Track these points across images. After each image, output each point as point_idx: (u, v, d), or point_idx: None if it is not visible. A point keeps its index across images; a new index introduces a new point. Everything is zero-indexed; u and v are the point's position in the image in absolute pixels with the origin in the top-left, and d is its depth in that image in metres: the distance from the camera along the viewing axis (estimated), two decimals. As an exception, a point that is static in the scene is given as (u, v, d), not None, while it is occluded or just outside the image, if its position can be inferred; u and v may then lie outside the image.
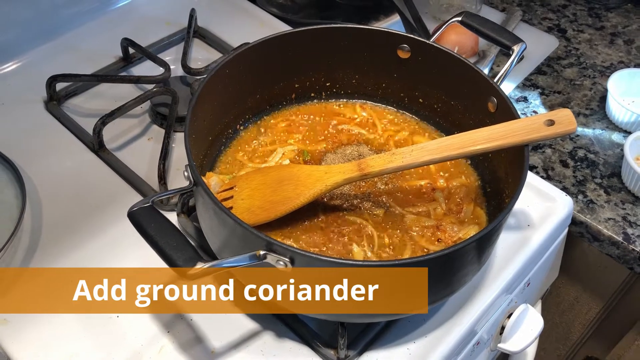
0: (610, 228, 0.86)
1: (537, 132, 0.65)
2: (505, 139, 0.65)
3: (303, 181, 0.68)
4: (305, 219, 0.70)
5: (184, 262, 0.52)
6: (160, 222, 0.55)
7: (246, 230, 0.56)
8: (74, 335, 0.67)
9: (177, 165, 0.86)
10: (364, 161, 0.67)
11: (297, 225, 0.70)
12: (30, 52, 1.00)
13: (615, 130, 1.00)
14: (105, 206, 0.80)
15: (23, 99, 0.94)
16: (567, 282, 1.00)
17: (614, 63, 1.13)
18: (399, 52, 0.80)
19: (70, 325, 0.68)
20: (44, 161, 0.85)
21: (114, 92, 0.96)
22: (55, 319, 0.68)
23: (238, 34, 1.05)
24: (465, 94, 0.77)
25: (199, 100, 0.68)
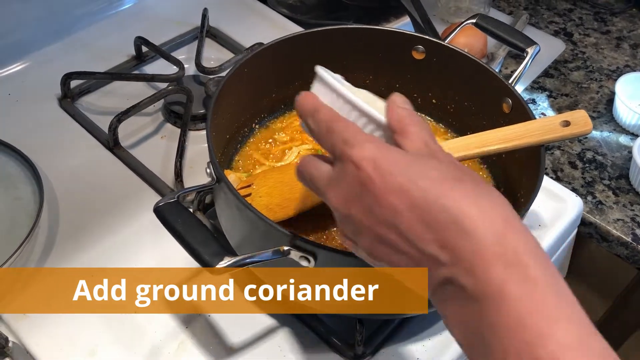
0: (620, 229, 0.87)
1: (553, 133, 0.66)
2: (522, 139, 0.66)
3: None
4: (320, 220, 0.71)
5: (210, 256, 0.52)
6: (187, 217, 0.55)
7: (270, 226, 0.56)
8: (93, 331, 0.68)
9: (191, 163, 0.87)
10: None
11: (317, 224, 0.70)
12: (44, 50, 1.00)
13: (622, 132, 1.01)
14: (121, 203, 0.80)
15: (37, 96, 0.94)
16: (574, 281, 1.01)
17: (619, 67, 1.15)
18: (413, 53, 0.81)
19: (89, 322, 0.68)
20: (59, 158, 0.85)
21: (127, 90, 0.96)
22: (74, 317, 0.68)
23: (249, 34, 1.06)
24: (479, 95, 0.78)
25: (220, 98, 0.69)
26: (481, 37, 1.08)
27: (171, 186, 0.82)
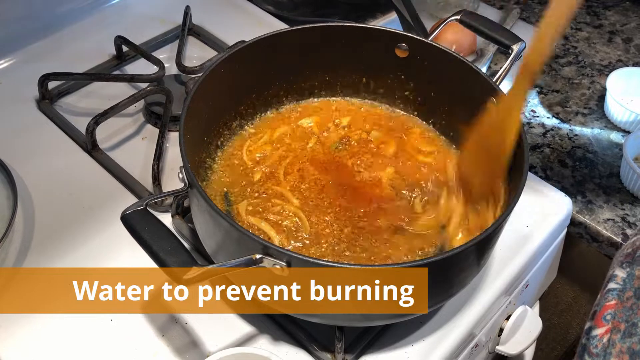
0: (610, 229, 0.85)
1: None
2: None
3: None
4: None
5: (178, 266, 0.51)
6: (155, 225, 0.53)
7: (242, 233, 0.55)
8: (65, 340, 0.66)
9: (172, 165, 0.85)
10: None
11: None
12: (22, 50, 0.98)
13: (614, 129, 0.99)
14: (98, 207, 0.78)
15: (15, 97, 0.92)
16: (565, 282, 1.00)
17: (612, 61, 1.12)
18: (397, 51, 0.79)
19: (62, 329, 0.67)
20: (35, 161, 0.84)
21: (108, 91, 0.94)
22: (47, 319, 0.67)
23: (234, 32, 1.04)
24: (464, 94, 0.76)
25: (194, 100, 0.67)
26: (470, 34, 1.06)
27: (150, 190, 0.81)
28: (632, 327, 0.51)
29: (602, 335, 0.52)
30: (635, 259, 0.56)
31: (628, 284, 0.55)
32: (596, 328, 0.53)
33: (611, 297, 0.55)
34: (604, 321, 0.53)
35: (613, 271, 0.58)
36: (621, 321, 0.52)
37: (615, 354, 0.50)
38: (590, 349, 0.52)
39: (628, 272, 0.56)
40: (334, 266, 0.54)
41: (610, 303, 0.54)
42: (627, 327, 0.51)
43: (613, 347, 0.51)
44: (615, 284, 0.56)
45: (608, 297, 0.55)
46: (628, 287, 0.55)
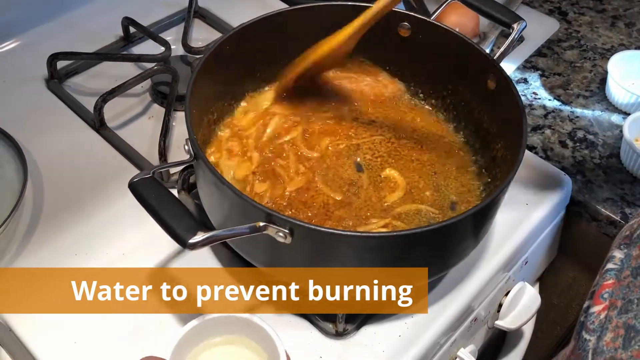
0: (609, 207, 0.86)
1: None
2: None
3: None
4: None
5: (184, 231, 0.52)
6: (161, 192, 0.55)
7: (246, 201, 0.56)
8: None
9: (178, 143, 0.86)
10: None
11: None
12: (31, 30, 1.00)
13: (614, 111, 1.00)
14: (106, 182, 0.80)
15: (24, 77, 0.94)
16: (565, 262, 1.01)
17: (614, 45, 1.13)
18: (399, 31, 0.80)
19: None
20: (45, 138, 0.85)
21: (115, 71, 0.95)
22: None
23: (239, 15, 1.04)
24: (465, 72, 0.78)
25: (199, 76, 0.68)
26: (473, 17, 1.07)
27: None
28: (629, 303, 0.52)
29: (599, 312, 0.53)
30: (632, 240, 0.57)
31: (625, 264, 0.56)
32: (594, 306, 0.54)
33: (609, 277, 0.56)
34: (601, 299, 0.55)
35: (611, 253, 0.59)
36: (618, 298, 0.53)
37: (611, 328, 0.51)
38: (587, 325, 0.54)
39: (625, 253, 0.57)
40: (335, 233, 0.56)
41: (608, 282, 0.56)
42: (623, 304, 0.52)
43: (609, 323, 0.52)
44: (613, 264, 0.57)
45: (606, 277, 0.56)
46: (625, 267, 0.56)
